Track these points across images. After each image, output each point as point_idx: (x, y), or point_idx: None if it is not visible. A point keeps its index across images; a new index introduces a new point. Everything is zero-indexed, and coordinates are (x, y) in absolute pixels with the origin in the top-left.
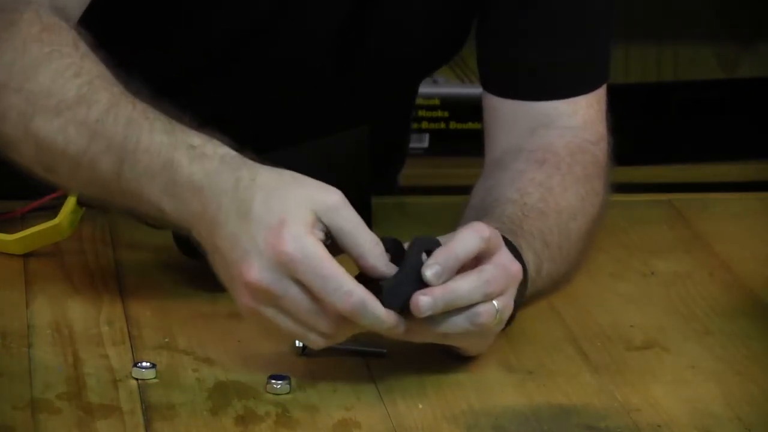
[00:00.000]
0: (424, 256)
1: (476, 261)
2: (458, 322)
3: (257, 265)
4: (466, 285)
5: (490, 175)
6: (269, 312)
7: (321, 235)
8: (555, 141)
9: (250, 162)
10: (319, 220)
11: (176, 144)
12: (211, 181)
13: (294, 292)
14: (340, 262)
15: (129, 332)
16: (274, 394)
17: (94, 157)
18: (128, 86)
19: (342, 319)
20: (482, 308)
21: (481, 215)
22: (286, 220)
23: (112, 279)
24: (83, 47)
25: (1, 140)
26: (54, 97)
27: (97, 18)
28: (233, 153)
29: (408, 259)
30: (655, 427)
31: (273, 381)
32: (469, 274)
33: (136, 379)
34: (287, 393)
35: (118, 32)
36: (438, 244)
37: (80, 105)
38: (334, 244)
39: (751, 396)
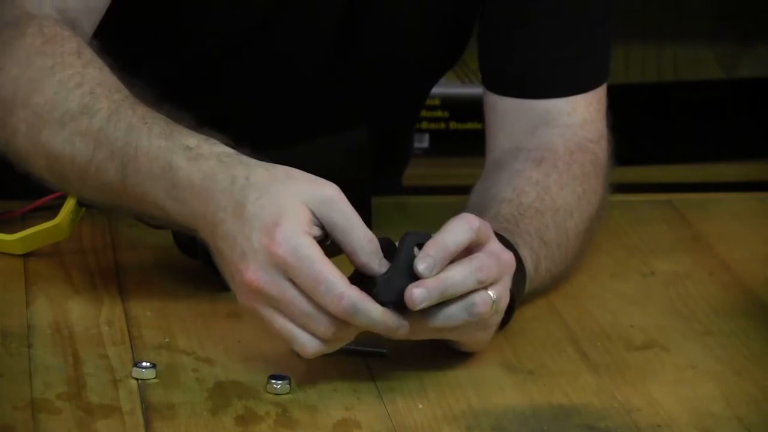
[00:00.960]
0: (416, 250)
1: (467, 252)
2: (455, 313)
3: (253, 265)
4: (458, 274)
5: (489, 176)
6: (266, 312)
7: (317, 231)
8: (554, 139)
9: (246, 159)
10: (313, 215)
11: (173, 147)
12: (209, 181)
13: (291, 294)
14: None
15: (129, 332)
16: (274, 393)
17: (100, 165)
18: (132, 90)
19: (339, 321)
20: (478, 297)
21: (477, 215)
22: (279, 220)
23: (112, 279)
24: (87, 54)
25: (14, 154)
26: (58, 109)
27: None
28: (230, 151)
29: (400, 253)
30: (655, 427)
31: (273, 381)
32: (460, 262)
33: (136, 379)
34: (287, 393)
35: (116, 36)
36: (429, 238)
37: (83, 115)
38: (334, 242)
39: (751, 396)
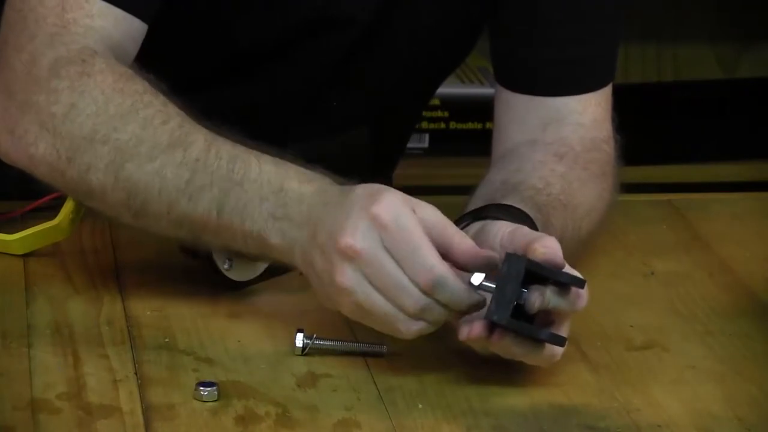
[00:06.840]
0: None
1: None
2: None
3: (350, 230)
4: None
5: (508, 163)
6: (363, 290)
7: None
8: (569, 135)
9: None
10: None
11: (286, 173)
12: (320, 196)
13: (386, 261)
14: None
15: (129, 332)
16: (201, 401)
17: (193, 194)
18: (213, 128)
19: (427, 297)
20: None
21: (507, 193)
22: (383, 190)
23: (112, 279)
24: (161, 93)
25: (85, 190)
26: (146, 143)
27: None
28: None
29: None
30: (655, 427)
31: (201, 388)
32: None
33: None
34: (215, 400)
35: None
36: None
37: (176, 148)
38: None
39: (751, 396)
